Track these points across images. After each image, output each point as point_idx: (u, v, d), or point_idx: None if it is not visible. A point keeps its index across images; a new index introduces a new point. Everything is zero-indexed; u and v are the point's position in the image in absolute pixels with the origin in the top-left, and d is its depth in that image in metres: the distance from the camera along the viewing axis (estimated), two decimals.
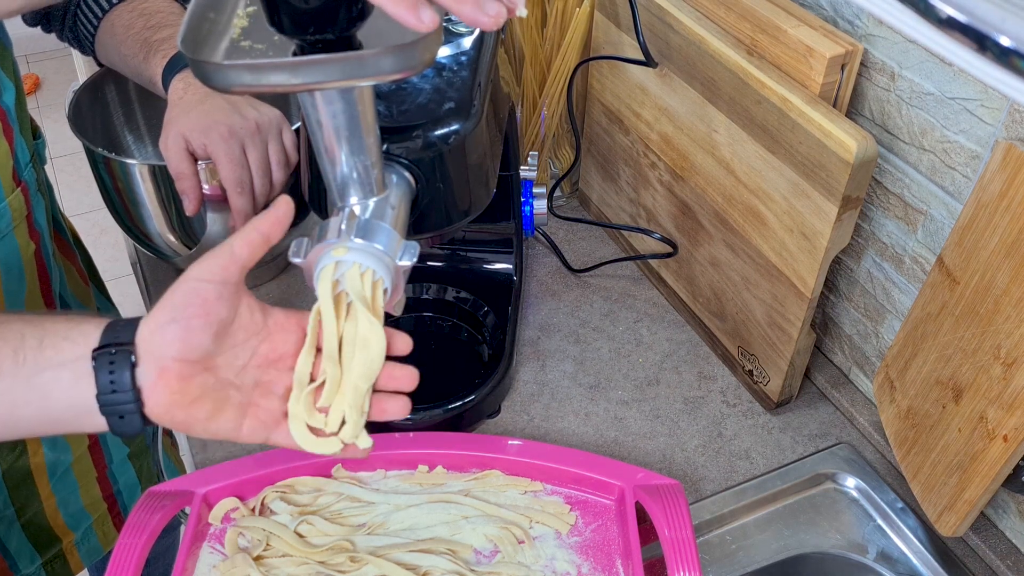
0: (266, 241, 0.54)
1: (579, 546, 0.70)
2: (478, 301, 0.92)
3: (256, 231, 0.54)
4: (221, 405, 0.55)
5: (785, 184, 0.76)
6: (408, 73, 0.47)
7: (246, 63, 0.45)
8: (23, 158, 0.85)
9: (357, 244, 0.54)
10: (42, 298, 0.90)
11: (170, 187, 0.85)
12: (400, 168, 0.62)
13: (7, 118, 0.81)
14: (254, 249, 0.54)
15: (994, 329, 0.62)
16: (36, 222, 0.88)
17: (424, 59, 0.46)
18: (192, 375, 0.53)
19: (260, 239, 0.54)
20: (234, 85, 0.46)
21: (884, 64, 0.72)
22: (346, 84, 0.47)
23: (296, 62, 0.45)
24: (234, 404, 0.55)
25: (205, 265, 0.54)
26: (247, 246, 0.54)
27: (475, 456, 0.76)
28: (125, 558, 0.64)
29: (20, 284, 0.86)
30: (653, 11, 0.85)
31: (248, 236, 0.54)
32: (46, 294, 0.92)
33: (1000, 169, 0.60)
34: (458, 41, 0.70)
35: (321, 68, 0.45)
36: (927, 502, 0.72)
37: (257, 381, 0.56)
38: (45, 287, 0.91)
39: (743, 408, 0.88)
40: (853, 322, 0.86)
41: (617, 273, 1.03)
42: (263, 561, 0.68)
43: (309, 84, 0.46)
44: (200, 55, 0.45)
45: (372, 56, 0.45)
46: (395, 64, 0.46)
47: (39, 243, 0.88)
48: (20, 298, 0.86)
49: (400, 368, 0.59)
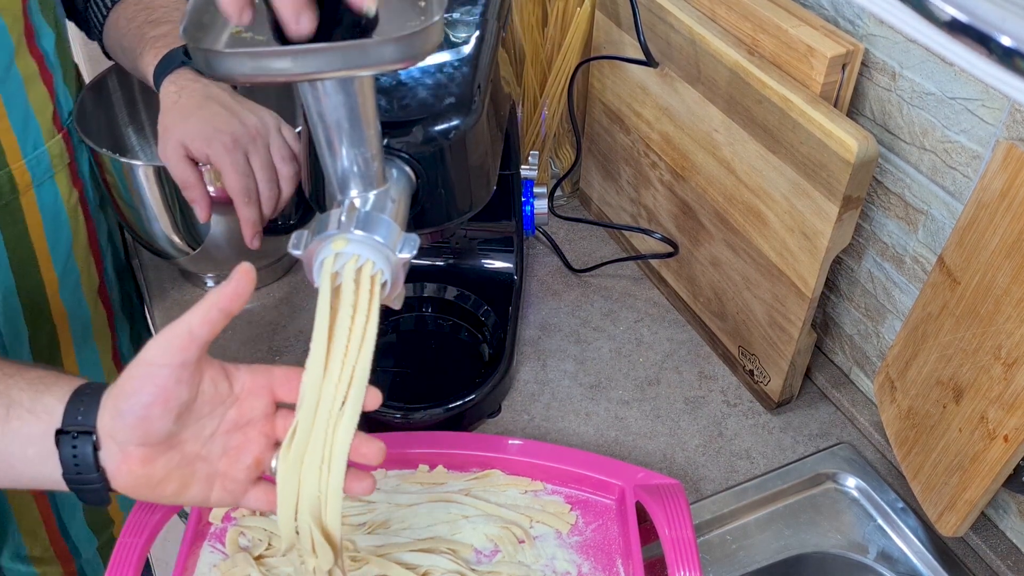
0: (226, 316, 0.51)
1: (579, 546, 0.70)
2: (478, 300, 0.92)
3: (215, 307, 0.51)
4: (187, 481, 0.53)
5: (786, 184, 0.76)
6: (409, 63, 0.47)
7: (248, 51, 0.45)
8: (66, 105, 0.85)
9: (357, 236, 0.53)
10: (89, 248, 0.91)
11: (174, 189, 0.85)
12: (400, 162, 0.62)
13: (44, 62, 0.81)
14: (214, 326, 0.51)
15: (995, 329, 0.62)
16: (80, 171, 0.88)
17: (425, 48, 0.46)
18: (156, 456, 0.52)
19: (219, 315, 0.51)
20: (235, 73, 0.46)
21: (885, 64, 0.72)
22: (347, 73, 0.47)
23: (298, 50, 0.45)
24: (200, 478, 0.54)
25: (161, 346, 0.51)
26: (206, 324, 0.51)
27: (475, 456, 0.76)
28: (125, 558, 0.64)
29: (64, 233, 0.86)
30: (654, 11, 0.85)
31: (208, 314, 0.51)
32: (92, 244, 0.92)
33: (1001, 169, 0.60)
34: (459, 39, 0.70)
35: (323, 56, 0.45)
36: (927, 502, 0.72)
37: (225, 448, 0.54)
38: (92, 238, 0.92)
39: (744, 408, 0.88)
40: (854, 322, 0.86)
41: (618, 273, 1.03)
42: (264, 560, 0.68)
43: (311, 73, 0.46)
44: (202, 44, 0.45)
45: (374, 45, 0.45)
46: (396, 53, 0.46)
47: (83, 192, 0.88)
48: (66, 248, 0.87)
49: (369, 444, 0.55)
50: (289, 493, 0.54)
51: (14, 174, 0.80)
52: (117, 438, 0.51)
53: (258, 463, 0.55)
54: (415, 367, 0.88)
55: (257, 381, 0.55)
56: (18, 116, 0.79)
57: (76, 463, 0.51)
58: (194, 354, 0.51)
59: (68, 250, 0.88)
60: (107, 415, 0.52)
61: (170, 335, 0.51)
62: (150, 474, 0.52)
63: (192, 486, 0.54)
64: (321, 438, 0.53)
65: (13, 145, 0.79)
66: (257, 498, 0.56)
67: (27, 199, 0.82)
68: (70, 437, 0.51)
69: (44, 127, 0.82)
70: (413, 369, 0.88)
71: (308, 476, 0.53)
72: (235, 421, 0.55)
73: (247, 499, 0.56)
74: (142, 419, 0.51)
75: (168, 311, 0.98)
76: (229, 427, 0.55)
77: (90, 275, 0.93)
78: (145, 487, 0.53)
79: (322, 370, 0.52)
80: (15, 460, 0.53)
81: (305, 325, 0.96)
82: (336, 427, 0.53)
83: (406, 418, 0.81)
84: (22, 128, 0.80)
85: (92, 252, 0.92)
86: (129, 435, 0.51)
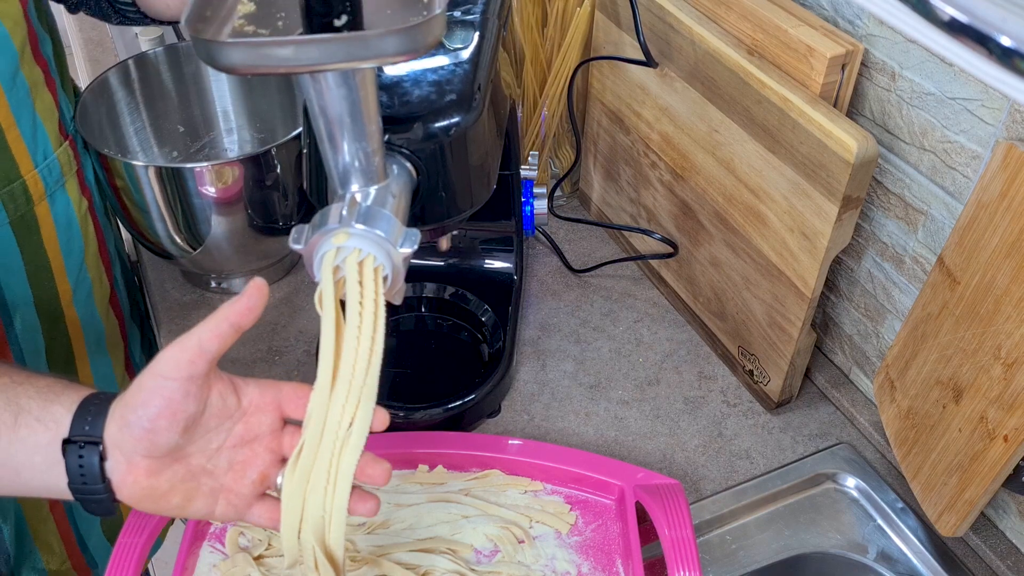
0: (237, 331, 0.51)
1: (579, 546, 0.70)
2: (478, 300, 0.92)
3: (226, 321, 0.51)
4: (192, 494, 0.54)
5: (786, 184, 0.76)
6: (411, 55, 0.47)
7: (249, 41, 0.45)
8: (67, 111, 0.85)
9: (358, 230, 0.53)
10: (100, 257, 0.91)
11: (176, 188, 0.85)
12: (401, 159, 0.62)
13: (48, 69, 0.81)
14: (224, 340, 0.51)
15: (994, 329, 0.62)
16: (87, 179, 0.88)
17: (427, 41, 0.46)
18: (161, 469, 0.52)
19: (230, 330, 0.51)
20: (237, 64, 0.46)
21: (885, 64, 0.72)
22: (349, 65, 0.47)
23: (299, 40, 0.45)
24: (205, 491, 0.54)
25: (171, 359, 0.51)
26: (217, 339, 0.51)
27: (475, 456, 0.76)
28: (125, 558, 0.64)
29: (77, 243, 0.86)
30: (654, 11, 0.85)
31: (218, 328, 0.51)
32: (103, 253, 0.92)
33: (1001, 169, 0.60)
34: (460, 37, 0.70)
35: (324, 47, 0.45)
36: (927, 502, 0.72)
37: (231, 462, 0.55)
38: (102, 247, 0.92)
39: (743, 408, 0.88)
40: (853, 322, 0.86)
41: (617, 273, 1.03)
42: (263, 561, 0.68)
43: (312, 64, 0.46)
44: (204, 35, 0.45)
45: (375, 37, 0.45)
46: (398, 45, 0.45)
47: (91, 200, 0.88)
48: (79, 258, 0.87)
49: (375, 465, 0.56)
50: (293, 511, 0.54)
51: (28, 184, 0.80)
52: (123, 449, 0.52)
53: (263, 479, 0.55)
54: (415, 367, 0.89)
55: (265, 397, 0.55)
56: (27, 125, 0.79)
57: (82, 472, 0.52)
58: (203, 368, 0.51)
59: (81, 260, 0.87)
60: (114, 426, 0.52)
61: (180, 348, 0.51)
62: (155, 486, 0.52)
63: (197, 499, 0.54)
64: (327, 458, 0.53)
65: (24, 154, 0.78)
66: (261, 514, 0.56)
67: (41, 209, 0.82)
68: (77, 447, 0.52)
69: (52, 135, 0.81)
70: (413, 369, 0.88)
71: (313, 496, 0.53)
72: (242, 436, 0.55)
73: (251, 515, 0.56)
74: (149, 431, 0.51)
75: (170, 311, 0.98)
76: (236, 442, 0.55)
77: (102, 284, 0.92)
78: (150, 499, 0.53)
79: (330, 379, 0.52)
80: (22, 467, 0.53)
81: (305, 325, 0.96)
82: (343, 447, 0.53)
83: (406, 418, 0.81)
84: (31, 137, 0.79)
85: (103, 261, 0.92)
86: (135, 446, 0.51)
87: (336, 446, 0.53)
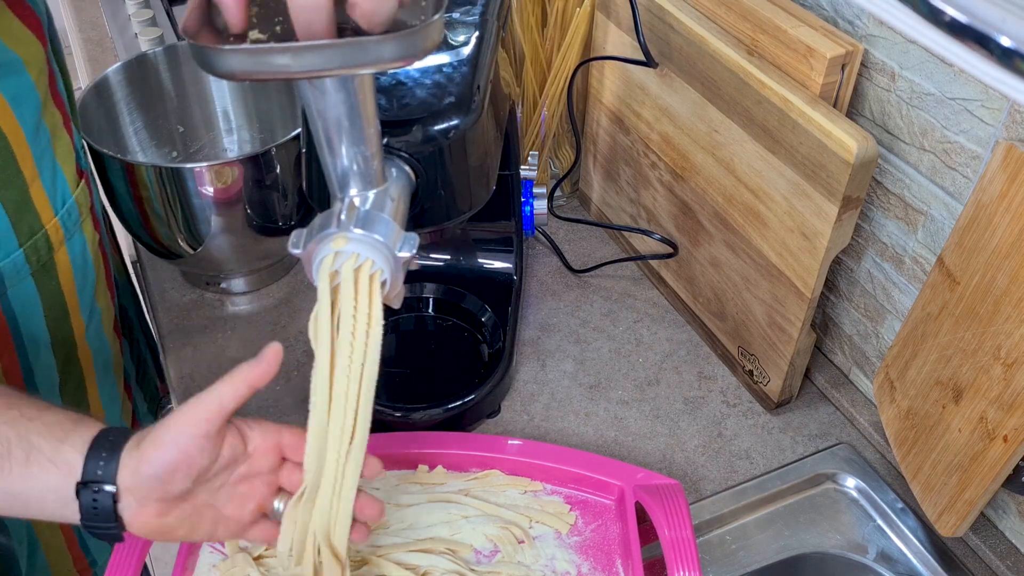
0: (252, 391, 0.56)
1: (579, 546, 0.70)
2: (478, 300, 0.92)
3: (244, 383, 0.55)
4: (196, 525, 0.57)
5: (785, 184, 0.76)
6: (409, 61, 0.47)
7: (247, 47, 0.45)
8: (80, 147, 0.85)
9: (356, 234, 0.53)
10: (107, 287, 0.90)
11: (176, 188, 0.85)
12: (400, 162, 0.62)
13: (64, 107, 0.81)
14: (240, 400, 0.56)
15: (994, 329, 0.62)
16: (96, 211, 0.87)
17: (425, 47, 0.46)
18: (170, 509, 0.56)
19: (248, 391, 0.55)
20: (235, 70, 0.46)
21: (884, 64, 0.72)
22: (347, 71, 0.47)
23: (297, 47, 0.45)
24: (207, 520, 0.58)
25: (193, 417, 0.55)
26: (235, 399, 0.55)
27: (475, 456, 0.76)
28: (125, 558, 0.64)
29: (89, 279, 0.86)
30: (653, 11, 0.85)
31: (237, 389, 0.55)
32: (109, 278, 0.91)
33: (1000, 169, 0.60)
34: (459, 39, 0.70)
35: (322, 53, 0.45)
36: (927, 502, 0.72)
37: (232, 496, 0.58)
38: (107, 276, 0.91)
39: (743, 408, 0.88)
40: (853, 322, 0.86)
41: (617, 273, 1.03)
42: (263, 561, 0.68)
43: (310, 70, 0.46)
44: (201, 41, 0.45)
45: (373, 42, 0.45)
46: (396, 51, 0.45)
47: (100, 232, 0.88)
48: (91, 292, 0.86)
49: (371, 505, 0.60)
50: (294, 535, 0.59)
51: (49, 232, 0.78)
52: (136, 494, 0.55)
53: (261, 507, 0.59)
54: (415, 367, 0.88)
55: (268, 442, 0.59)
56: (48, 173, 0.77)
57: (95, 511, 0.54)
58: (219, 425, 0.55)
59: (92, 294, 0.86)
60: (128, 473, 0.54)
61: (200, 407, 0.55)
62: (164, 523, 0.56)
63: (200, 528, 0.58)
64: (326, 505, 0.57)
65: (46, 204, 0.77)
66: (258, 534, 0.60)
67: (60, 255, 0.80)
68: (91, 491, 0.54)
69: (70, 177, 0.80)
70: (413, 369, 0.88)
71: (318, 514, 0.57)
72: (244, 474, 0.58)
73: (251, 532, 0.60)
74: (164, 482, 0.54)
75: (169, 311, 0.98)
76: (238, 479, 0.58)
77: (109, 311, 0.91)
78: (157, 533, 0.57)
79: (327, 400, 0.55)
80: (33, 503, 0.55)
81: (305, 325, 0.94)
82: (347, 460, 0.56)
83: (406, 418, 0.81)
84: (51, 184, 0.78)
85: (109, 288, 0.91)
86: (148, 493, 0.55)
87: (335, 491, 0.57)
